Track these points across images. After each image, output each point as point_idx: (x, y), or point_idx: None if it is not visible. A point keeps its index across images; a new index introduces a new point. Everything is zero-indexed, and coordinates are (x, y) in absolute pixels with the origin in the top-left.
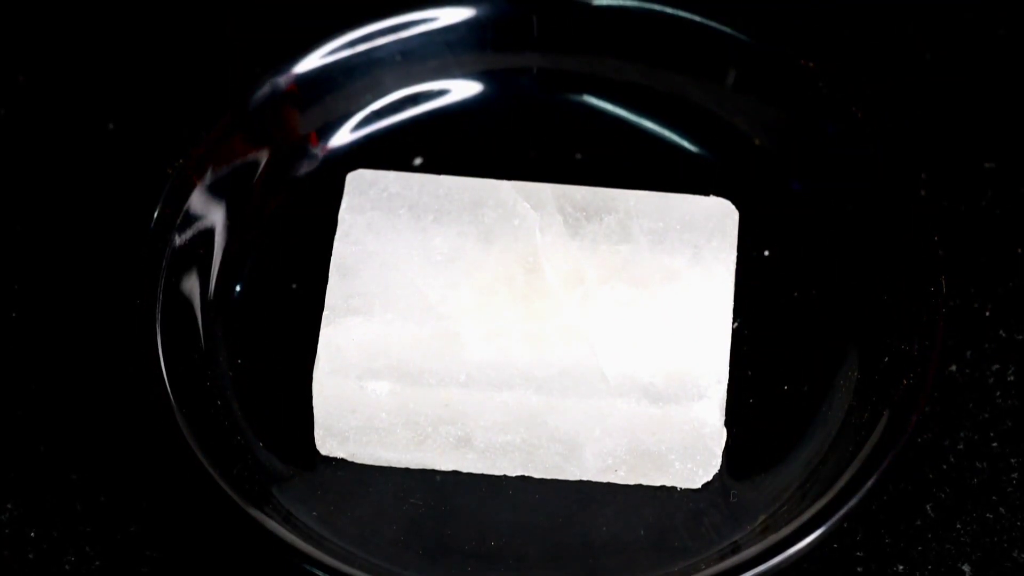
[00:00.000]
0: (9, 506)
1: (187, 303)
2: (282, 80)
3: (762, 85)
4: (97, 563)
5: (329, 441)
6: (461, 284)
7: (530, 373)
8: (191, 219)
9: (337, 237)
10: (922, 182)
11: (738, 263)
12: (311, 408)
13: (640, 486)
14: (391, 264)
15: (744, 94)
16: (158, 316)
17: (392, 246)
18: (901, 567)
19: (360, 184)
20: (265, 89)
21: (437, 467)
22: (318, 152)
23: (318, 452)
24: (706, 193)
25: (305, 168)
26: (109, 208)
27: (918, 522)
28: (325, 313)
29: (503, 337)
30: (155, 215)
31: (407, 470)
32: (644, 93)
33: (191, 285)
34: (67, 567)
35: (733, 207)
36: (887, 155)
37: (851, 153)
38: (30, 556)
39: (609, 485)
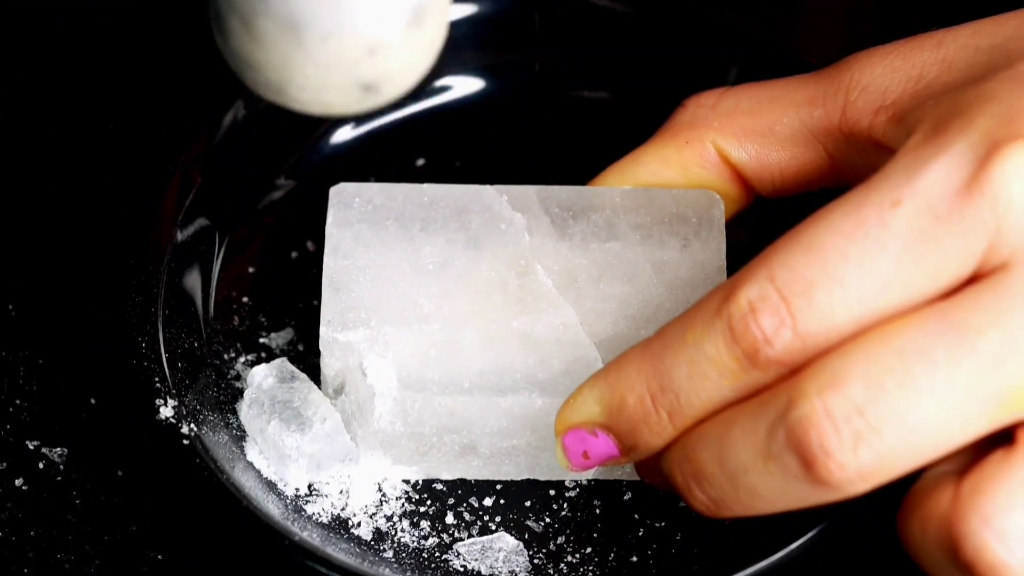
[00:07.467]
0: (8, 505)
1: (189, 300)
2: None
3: None
4: (97, 562)
5: None
6: (455, 292)
7: (532, 376)
8: (192, 217)
9: (326, 252)
10: None
11: (728, 250)
12: None
13: (643, 484)
14: (383, 276)
15: None
16: (159, 314)
17: (382, 258)
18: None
19: (344, 197)
20: None
21: (442, 476)
22: (321, 148)
23: None
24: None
25: (308, 164)
26: (109, 207)
27: None
28: (321, 329)
29: (502, 342)
30: (155, 214)
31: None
32: (647, 90)
33: (192, 283)
34: (67, 566)
35: (718, 196)
36: None
37: None
38: (30, 555)
39: (614, 483)
